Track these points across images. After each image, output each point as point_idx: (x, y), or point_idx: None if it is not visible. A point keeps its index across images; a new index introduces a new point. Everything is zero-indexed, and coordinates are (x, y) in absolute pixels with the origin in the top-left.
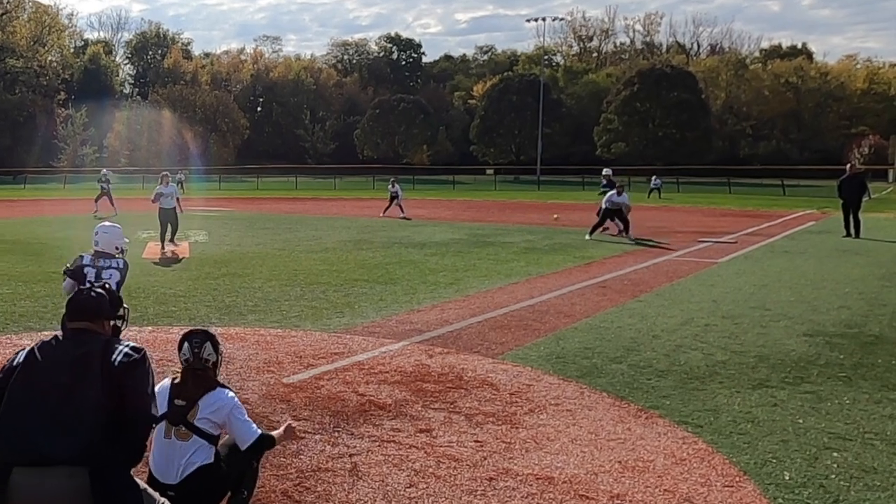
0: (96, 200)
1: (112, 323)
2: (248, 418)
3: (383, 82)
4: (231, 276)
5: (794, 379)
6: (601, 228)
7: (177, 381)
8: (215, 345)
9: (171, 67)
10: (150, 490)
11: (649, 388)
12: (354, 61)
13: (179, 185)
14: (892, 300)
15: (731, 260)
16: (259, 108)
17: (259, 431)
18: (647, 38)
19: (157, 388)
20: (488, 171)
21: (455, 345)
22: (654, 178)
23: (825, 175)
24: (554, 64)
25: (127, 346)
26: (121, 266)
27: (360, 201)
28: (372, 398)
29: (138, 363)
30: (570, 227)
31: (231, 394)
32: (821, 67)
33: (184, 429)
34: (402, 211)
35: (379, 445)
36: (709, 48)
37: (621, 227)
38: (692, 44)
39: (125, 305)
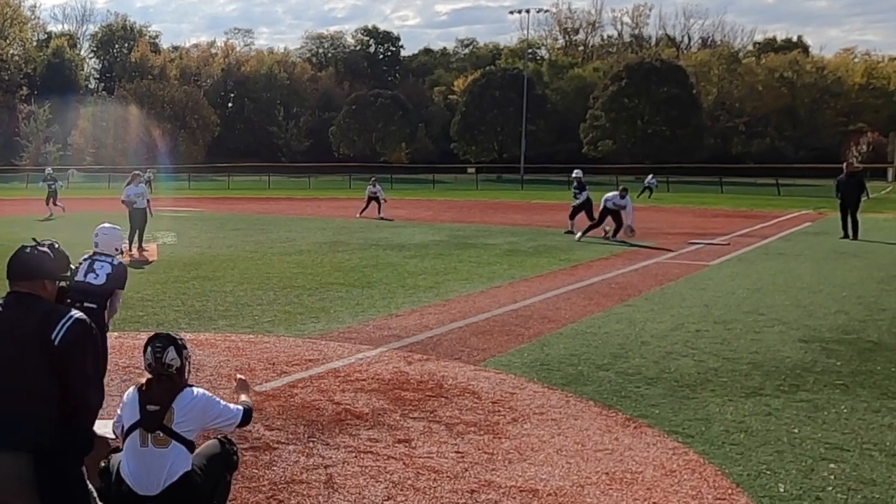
0: (47, 202)
1: (58, 284)
2: (224, 403)
3: (360, 77)
4: (201, 279)
5: (789, 387)
6: (590, 229)
7: (143, 388)
8: (179, 349)
9: (139, 61)
10: (95, 495)
11: (638, 396)
12: (330, 55)
13: (148, 184)
14: (892, 305)
15: (723, 262)
16: (230, 104)
17: (240, 407)
18: (636, 31)
19: (123, 399)
20: (470, 170)
21: (435, 351)
22: (650, 176)
23: (821, 174)
24: (538, 58)
25: (70, 319)
26: (114, 263)
27: (336, 201)
28: (348, 407)
29: (80, 341)
30: (555, 228)
31: (199, 390)
32: (817, 61)
33: (162, 435)
34: (380, 212)
35: (355, 456)
36: (700, 41)
37: (608, 228)
38: (683, 37)
39: (72, 266)
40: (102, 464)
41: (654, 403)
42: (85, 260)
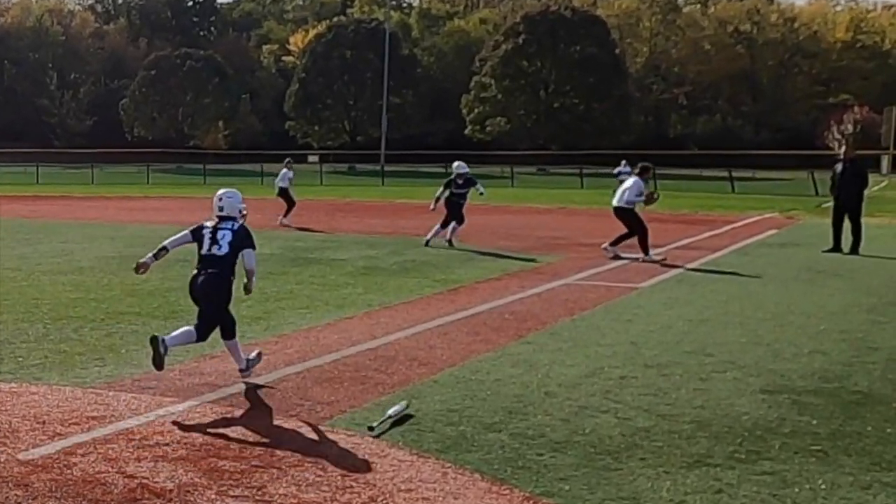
0: None
1: None
2: None
3: (161, 32)
4: None
5: (746, 454)
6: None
7: None
8: None
9: None
10: None
11: (541, 466)
12: (120, 2)
13: None
14: (886, 342)
15: (656, 284)
16: None
17: None
18: None
19: None
20: (311, 159)
21: (264, 405)
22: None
23: (792, 163)
24: (405, 6)
25: None
26: (234, 228)
27: (129, 201)
28: (145, 481)
29: None
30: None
31: None
32: (784, 10)
33: None
34: (284, 216)
35: None
36: None
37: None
38: None
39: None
40: None
41: (562, 476)
42: (208, 230)
